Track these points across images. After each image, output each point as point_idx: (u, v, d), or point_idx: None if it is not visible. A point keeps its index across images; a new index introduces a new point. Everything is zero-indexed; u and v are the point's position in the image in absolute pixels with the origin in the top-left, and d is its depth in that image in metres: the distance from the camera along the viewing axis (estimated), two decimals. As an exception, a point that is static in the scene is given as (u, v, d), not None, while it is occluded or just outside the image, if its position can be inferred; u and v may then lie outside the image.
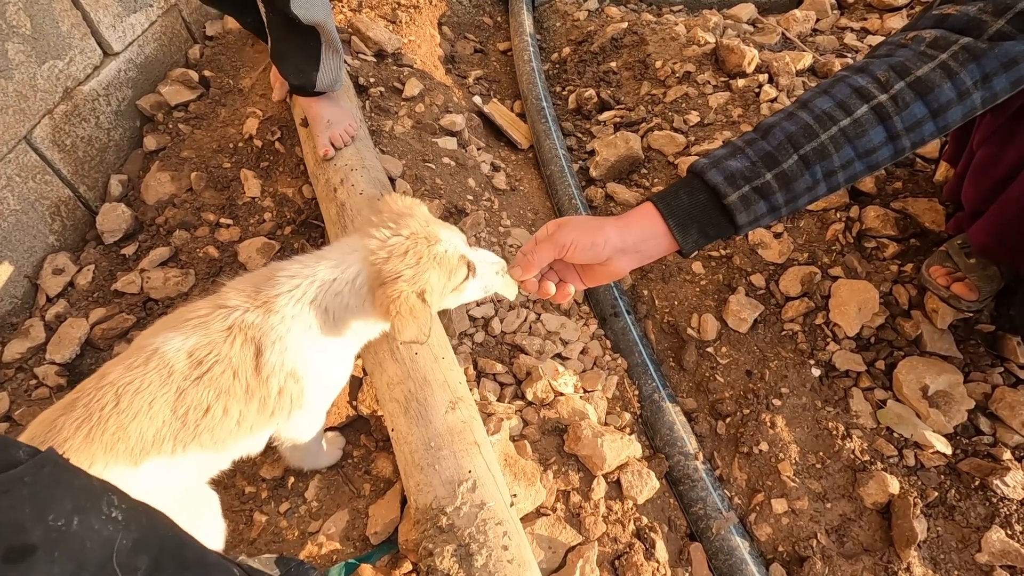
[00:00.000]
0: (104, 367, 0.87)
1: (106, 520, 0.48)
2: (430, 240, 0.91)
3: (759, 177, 0.86)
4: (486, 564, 0.86)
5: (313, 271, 0.91)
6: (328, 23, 1.29)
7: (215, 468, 0.97)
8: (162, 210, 1.55)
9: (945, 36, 0.85)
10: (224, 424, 0.87)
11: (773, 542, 1.23)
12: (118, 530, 0.48)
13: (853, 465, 1.28)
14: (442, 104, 1.87)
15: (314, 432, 1.06)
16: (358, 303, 0.92)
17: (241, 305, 0.89)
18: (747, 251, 1.62)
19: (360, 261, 0.91)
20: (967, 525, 1.19)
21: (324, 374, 0.98)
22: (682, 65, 2.09)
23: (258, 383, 0.89)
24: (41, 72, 1.38)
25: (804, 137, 0.85)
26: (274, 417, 0.93)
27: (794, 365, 1.43)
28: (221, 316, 0.88)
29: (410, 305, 0.86)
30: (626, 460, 1.25)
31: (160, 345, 0.85)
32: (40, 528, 0.43)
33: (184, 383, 0.84)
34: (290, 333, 0.90)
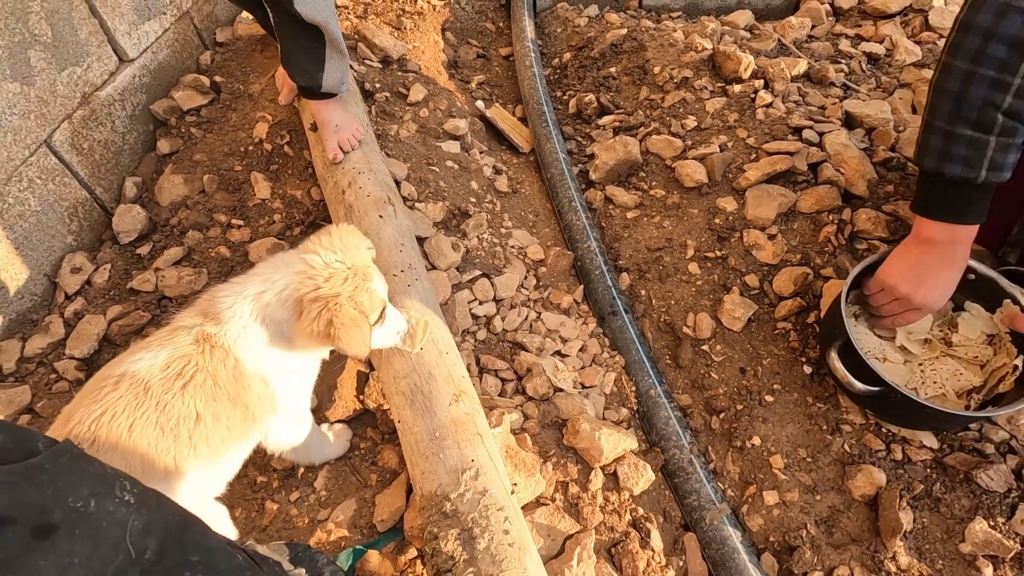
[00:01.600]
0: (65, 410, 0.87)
1: (119, 503, 0.53)
2: (366, 278, 0.96)
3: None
4: (488, 547, 0.91)
5: (244, 287, 0.94)
6: (331, 24, 1.34)
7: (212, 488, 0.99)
8: (175, 211, 1.61)
9: None
10: (216, 431, 0.89)
11: (764, 532, 1.28)
12: (130, 512, 0.53)
13: (842, 459, 1.32)
14: (446, 109, 1.92)
15: (304, 434, 1.10)
16: (285, 316, 0.93)
17: (197, 323, 0.92)
18: (742, 252, 1.66)
19: (289, 275, 0.94)
20: (951, 516, 1.24)
21: (288, 378, 1.01)
22: (680, 71, 2.14)
23: (240, 389, 0.91)
24: (61, 78, 1.44)
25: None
26: (257, 423, 0.97)
27: (786, 363, 1.48)
28: (184, 332, 0.91)
29: (350, 316, 0.89)
30: (623, 453, 1.29)
31: (127, 368, 0.86)
32: (61, 509, 0.47)
33: (166, 396, 0.85)
34: (247, 343, 0.92)
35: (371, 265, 1.00)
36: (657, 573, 1.18)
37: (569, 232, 1.81)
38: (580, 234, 1.77)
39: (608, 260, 1.74)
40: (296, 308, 0.91)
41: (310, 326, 0.89)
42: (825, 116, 1.92)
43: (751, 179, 1.75)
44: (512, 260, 1.67)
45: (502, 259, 1.65)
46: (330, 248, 0.95)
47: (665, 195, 1.88)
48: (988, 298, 1.33)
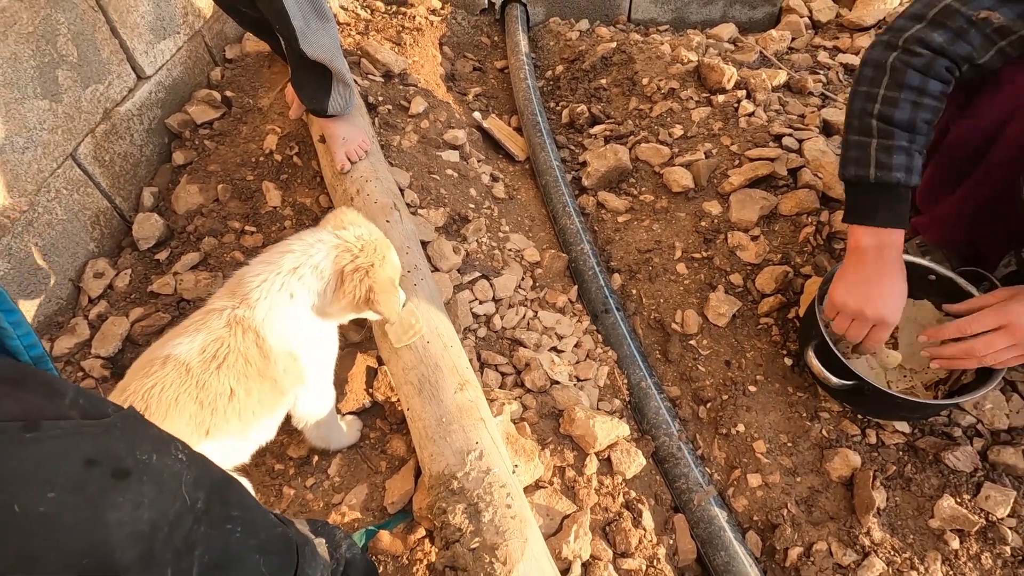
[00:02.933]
0: (122, 382, 0.98)
1: (175, 460, 0.61)
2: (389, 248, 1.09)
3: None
4: (492, 519, 1.00)
5: (278, 264, 1.04)
6: (335, 61, 1.47)
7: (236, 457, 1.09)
8: (192, 219, 1.70)
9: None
10: (247, 405, 0.99)
11: (749, 512, 1.36)
12: (184, 468, 0.61)
13: (820, 443, 1.42)
14: (445, 120, 2.02)
15: (327, 408, 1.19)
16: (322, 287, 1.04)
17: (228, 305, 1.01)
18: (727, 253, 1.76)
19: (326, 250, 1.04)
20: (922, 495, 1.33)
21: (314, 350, 1.11)
22: (667, 82, 2.25)
23: (268, 365, 1.01)
24: (85, 95, 1.53)
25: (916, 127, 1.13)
26: (285, 395, 1.07)
27: (768, 355, 1.58)
28: (216, 316, 1.00)
29: (386, 283, 1.01)
30: (616, 440, 1.38)
31: (171, 351, 0.96)
32: (132, 459, 0.55)
33: (204, 375, 0.95)
34: (276, 320, 1.02)
35: (384, 244, 1.11)
36: (649, 550, 1.26)
37: (563, 236, 1.91)
38: (574, 237, 1.87)
39: (600, 261, 1.84)
40: (337, 278, 1.02)
41: (352, 293, 1.00)
42: (804, 124, 2.03)
43: (735, 184, 1.86)
44: (510, 262, 1.76)
45: (500, 261, 1.74)
46: (350, 225, 1.05)
47: (654, 200, 1.98)
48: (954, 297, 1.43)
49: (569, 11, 2.81)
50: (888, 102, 1.15)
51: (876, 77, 1.17)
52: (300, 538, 0.76)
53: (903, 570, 1.23)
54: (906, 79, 1.14)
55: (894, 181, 1.15)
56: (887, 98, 1.15)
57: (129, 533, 0.49)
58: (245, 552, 0.64)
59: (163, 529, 0.53)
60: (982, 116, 1.24)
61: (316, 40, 1.40)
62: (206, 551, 0.59)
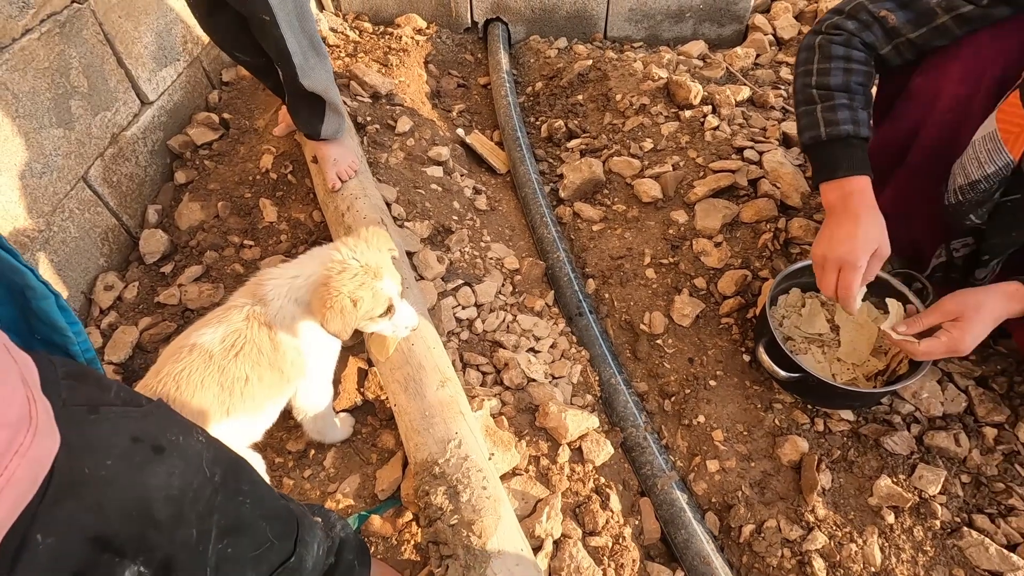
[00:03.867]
0: (155, 366, 1.13)
1: (196, 441, 0.73)
2: (377, 275, 1.18)
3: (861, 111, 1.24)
4: (469, 499, 1.13)
5: (285, 272, 1.20)
6: (329, 92, 1.63)
7: (252, 434, 1.23)
8: (194, 234, 1.83)
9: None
10: (259, 390, 1.14)
11: (707, 495, 1.50)
12: (203, 448, 0.74)
13: (773, 432, 1.55)
14: (430, 137, 2.16)
15: (326, 401, 1.33)
16: (306, 297, 1.18)
17: (248, 302, 1.17)
18: (692, 259, 1.91)
19: (316, 265, 1.18)
20: (862, 476, 1.46)
21: (316, 348, 1.25)
22: (639, 98, 2.40)
23: (277, 356, 1.16)
24: (95, 122, 1.66)
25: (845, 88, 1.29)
26: (290, 384, 1.22)
27: (728, 352, 1.71)
28: (237, 310, 1.16)
29: (340, 304, 1.12)
30: (586, 431, 1.52)
31: (196, 340, 1.12)
32: (164, 438, 0.67)
33: (224, 362, 1.11)
34: (284, 319, 1.17)
35: (386, 266, 1.22)
36: (615, 529, 1.39)
37: (541, 244, 2.04)
38: (550, 246, 2.01)
39: (576, 268, 1.98)
40: (313, 289, 1.16)
41: (316, 303, 1.14)
42: (765, 136, 2.17)
43: (699, 194, 2.00)
44: (491, 270, 1.90)
45: (482, 269, 1.88)
46: (353, 248, 1.18)
47: (626, 210, 2.12)
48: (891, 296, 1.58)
49: (549, 29, 2.96)
50: (822, 73, 1.33)
51: (808, 57, 1.36)
52: (299, 510, 0.89)
53: (843, 543, 1.36)
54: (832, 51, 1.32)
55: (844, 134, 1.29)
56: (820, 70, 1.33)
57: (165, 495, 0.62)
58: (254, 519, 0.77)
59: (189, 495, 0.66)
60: (899, 121, 1.40)
61: (314, 74, 1.55)
62: (222, 517, 0.71)
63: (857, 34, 1.30)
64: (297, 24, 1.49)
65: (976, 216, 1.32)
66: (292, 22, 1.47)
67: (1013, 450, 1.48)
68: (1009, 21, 1.18)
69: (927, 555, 1.33)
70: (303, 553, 0.83)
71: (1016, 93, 1.15)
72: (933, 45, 1.27)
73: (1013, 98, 1.16)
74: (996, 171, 1.22)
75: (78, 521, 0.52)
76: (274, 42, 1.48)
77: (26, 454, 0.44)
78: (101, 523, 0.54)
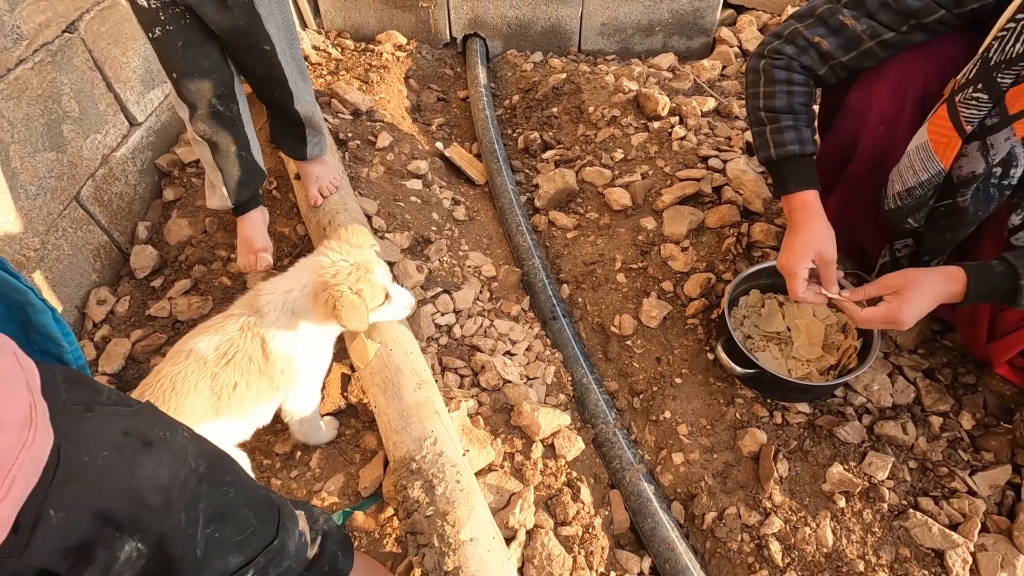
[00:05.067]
0: (156, 368, 1.22)
1: (182, 437, 0.81)
2: (368, 269, 1.28)
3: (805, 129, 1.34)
4: (444, 492, 1.22)
5: (278, 285, 1.28)
6: (315, 113, 1.71)
7: (242, 434, 1.31)
8: (182, 249, 1.91)
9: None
10: (247, 396, 1.22)
11: (673, 486, 1.59)
12: (188, 443, 0.82)
13: (734, 425, 1.65)
14: (409, 152, 2.25)
15: (312, 406, 1.41)
16: (307, 306, 1.27)
17: (245, 313, 1.26)
18: (660, 263, 2.01)
19: (309, 274, 1.27)
20: (817, 464, 1.56)
21: (308, 359, 1.34)
22: (610, 110, 2.50)
23: (267, 365, 1.25)
24: (86, 144, 1.74)
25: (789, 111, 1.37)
26: (279, 391, 1.30)
27: (693, 351, 1.81)
28: (233, 320, 1.25)
29: (351, 300, 1.22)
30: (558, 428, 1.61)
31: (193, 346, 1.21)
32: (152, 434, 0.75)
33: (216, 368, 1.19)
34: (279, 330, 1.25)
35: (373, 259, 1.31)
36: (586, 519, 1.48)
37: (517, 252, 2.14)
38: (526, 253, 2.10)
39: (550, 274, 2.07)
40: (314, 297, 1.24)
41: (323, 309, 1.22)
42: (730, 146, 2.28)
43: (667, 202, 2.10)
44: (469, 278, 1.99)
45: (460, 277, 1.97)
46: (337, 250, 1.27)
47: (598, 217, 2.22)
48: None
49: (525, 44, 3.06)
50: (768, 96, 1.44)
51: (755, 80, 1.47)
52: (280, 500, 0.98)
53: (798, 527, 1.46)
54: (775, 75, 1.43)
55: (791, 153, 1.41)
56: (766, 93, 1.44)
57: (153, 484, 0.70)
58: (238, 507, 0.86)
59: (176, 484, 0.74)
60: (838, 136, 1.52)
61: (304, 98, 1.64)
62: (208, 505, 0.80)
63: (796, 58, 1.41)
64: (288, 52, 1.57)
65: (914, 220, 1.43)
66: (286, 51, 1.55)
67: (957, 437, 1.58)
68: (927, 44, 1.30)
69: (875, 536, 1.43)
70: (285, 537, 0.92)
71: (944, 107, 1.26)
72: (863, 66, 1.39)
73: (941, 111, 1.27)
74: (929, 178, 1.33)
75: (82, 500, 0.61)
76: (271, 71, 1.55)
77: (30, 449, 0.53)
78: (101, 502, 0.63)
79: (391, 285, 1.36)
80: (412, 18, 3.02)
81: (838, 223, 1.67)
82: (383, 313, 1.37)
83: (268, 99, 1.66)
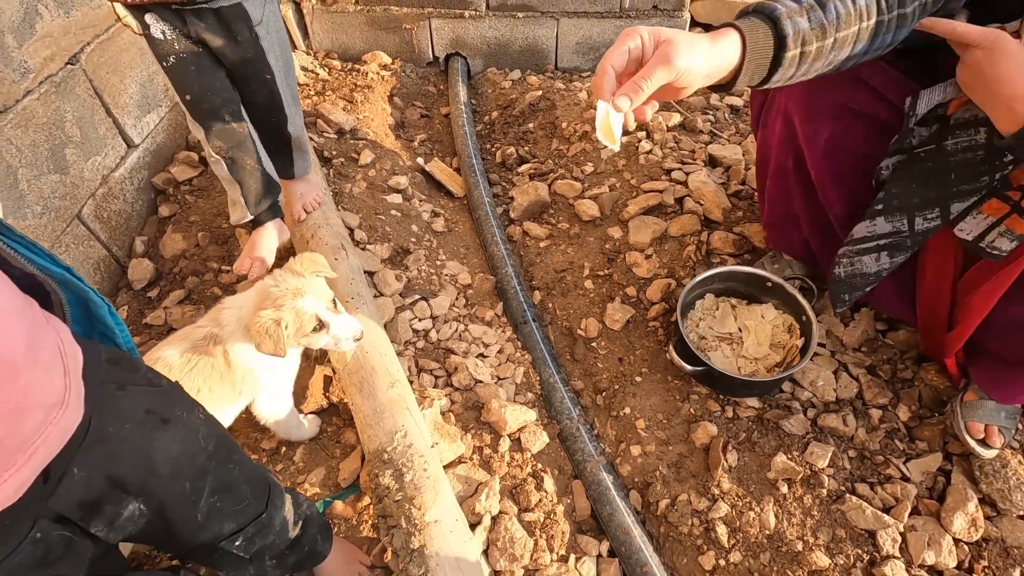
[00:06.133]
0: None
1: (196, 418, 0.94)
2: (296, 296, 1.32)
3: (813, 43, 0.93)
4: (412, 479, 1.35)
5: (236, 301, 1.39)
6: (303, 136, 1.87)
7: None
8: (177, 262, 2.04)
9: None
10: (210, 399, 1.32)
11: (631, 476, 1.72)
12: (201, 423, 0.94)
13: (688, 419, 1.77)
14: (390, 168, 2.39)
15: (283, 412, 1.52)
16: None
17: (209, 324, 1.36)
18: (625, 270, 2.14)
19: (254, 296, 1.36)
20: (763, 454, 1.69)
21: (270, 368, 1.42)
22: (582, 125, 2.65)
23: (228, 372, 1.34)
24: (87, 166, 1.88)
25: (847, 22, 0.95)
26: (242, 396, 1.40)
27: (653, 352, 1.94)
28: (199, 330, 1.35)
29: (266, 327, 1.27)
30: (524, 423, 1.74)
31: (161, 354, 1.31)
32: (171, 413, 0.88)
33: (181, 374, 1.29)
34: (236, 342, 1.34)
35: (310, 286, 1.36)
36: (548, 507, 1.61)
37: (492, 261, 2.27)
38: (500, 262, 2.24)
39: (523, 281, 2.21)
40: (249, 319, 1.33)
41: (245, 332, 1.32)
42: (693, 159, 2.43)
43: (632, 212, 2.25)
44: (446, 285, 2.13)
45: (437, 285, 2.11)
46: (277, 277, 1.36)
47: (569, 227, 2.36)
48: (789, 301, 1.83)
49: (504, 62, 3.21)
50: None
51: None
52: (272, 480, 1.11)
53: (743, 511, 1.58)
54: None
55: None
56: None
57: (165, 457, 0.84)
58: (239, 483, 0.99)
59: (185, 458, 0.88)
60: (760, 147, 1.65)
61: (295, 121, 1.80)
62: (214, 479, 0.93)
63: None
64: (285, 80, 1.73)
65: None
66: (283, 79, 1.72)
67: (894, 428, 1.71)
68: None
69: (814, 519, 1.55)
70: (272, 513, 1.05)
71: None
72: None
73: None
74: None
75: (100, 463, 0.74)
76: (271, 96, 1.72)
77: (58, 424, 0.66)
78: (116, 468, 0.76)
79: (330, 315, 1.36)
80: (397, 39, 3.17)
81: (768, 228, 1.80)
82: (321, 340, 1.38)
83: (264, 123, 1.80)
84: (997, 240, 1.25)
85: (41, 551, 0.71)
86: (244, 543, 1.00)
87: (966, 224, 1.30)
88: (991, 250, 1.28)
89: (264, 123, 1.78)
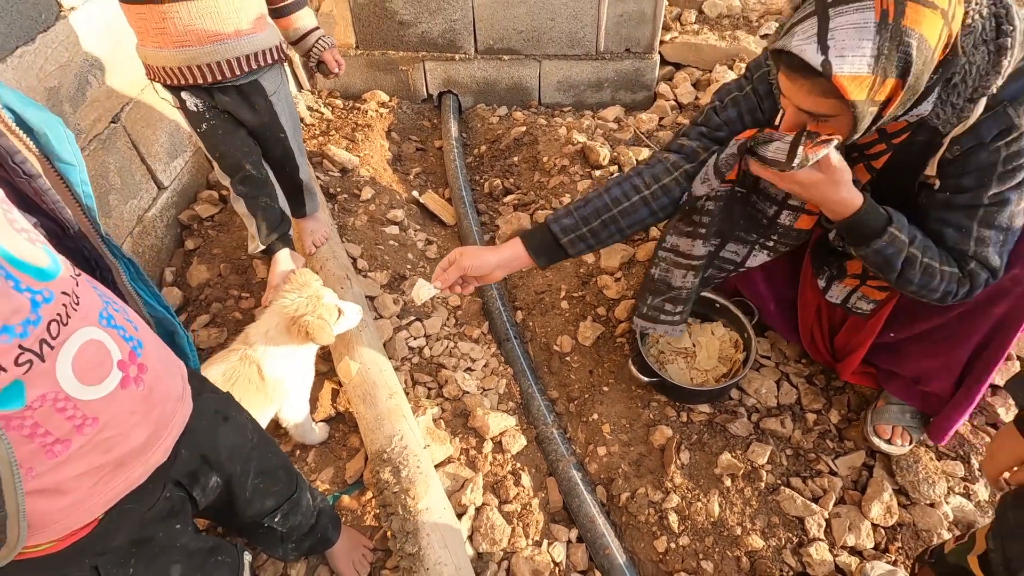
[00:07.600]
0: None
1: (246, 418, 1.22)
2: (319, 298, 1.66)
3: (580, 230, 1.53)
4: (407, 475, 1.62)
5: (259, 327, 1.66)
6: (311, 180, 2.16)
7: None
8: (202, 290, 2.32)
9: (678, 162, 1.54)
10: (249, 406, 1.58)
11: (598, 473, 1.97)
12: (248, 422, 1.22)
13: (648, 423, 2.03)
14: (388, 202, 2.68)
15: (303, 414, 1.80)
16: (282, 338, 1.63)
17: (241, 347, 1.64)
18: (596, 292, 2.42)
19: (277, 316, 1.64)
20: (711, 453, 1.94)
21: (293, 378, 1.71)
22: (560, 160, 2.93)
23: (262, 384, 1.62)
24: (126, 209, 2.17)
25: (606, 209, 1.53)
26: (273, 403, 1.68)
27: (620, 365, 2.20)
28: (234, 352, 1.63)
29: (317, 324, 1.59)
30: (505, 428, 2.00)
31: (208, 372, 1.59)
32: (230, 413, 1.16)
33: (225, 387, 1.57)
34: (267, 358, 1.62)
35: (319, 290, 1.69)
36: (524, 500, 1.87)
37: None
38: (486, 286, 2.51)
39: (506, 303, 2.48)
40: (287, 330, 1.62)
41: (297, 336, 1.60)
42: (660, 190, 2.71)
43: (603, 240, 2.53)
44: (438, 307, 2.40)
45: (430, 307, 2.38)
46: (291, 292, 1.65)
47: (548, 253, 2.64)
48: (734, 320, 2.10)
49: (493, 98, 3.51)
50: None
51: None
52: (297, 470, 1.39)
53: (692, 502, 1.84)
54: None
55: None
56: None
57: (225, 444, 1.11)
58: (276, 468, 1.27)
59: (238, 447, 1.16)
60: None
61: (304, 169, 2.10)
62: (258, 464, 1.21)
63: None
64: (294, 136, 2.05)
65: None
66: (293, 135, 2.02)
67: (826, 429, 1.97)
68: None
69: (752, 508, 1.81)
70: (301, 494, 1.34)
71: None
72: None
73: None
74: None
75: (193, 446, 1.03)
76: (285, 151, 2.04)
77: (180, 412, 0.95)
78: (202, 450, 1.05)
79: (340, 303, 1.71)
80: (394, 79, 3.47)
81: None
82: (342, 325, 1.73)
83: (280, 171, 2.11)
84: (858, 303, 1.67)
85: (168, 506, 0.99)
86: (281, 519, 1.28)
87: (833, 291, 1.69)
88: (856, 309, 1.69)
89: (280, 172, 2.08)
